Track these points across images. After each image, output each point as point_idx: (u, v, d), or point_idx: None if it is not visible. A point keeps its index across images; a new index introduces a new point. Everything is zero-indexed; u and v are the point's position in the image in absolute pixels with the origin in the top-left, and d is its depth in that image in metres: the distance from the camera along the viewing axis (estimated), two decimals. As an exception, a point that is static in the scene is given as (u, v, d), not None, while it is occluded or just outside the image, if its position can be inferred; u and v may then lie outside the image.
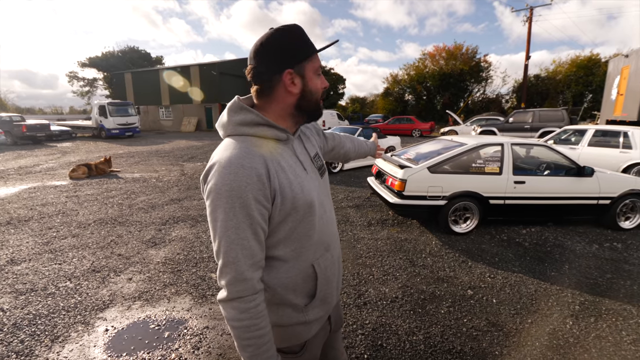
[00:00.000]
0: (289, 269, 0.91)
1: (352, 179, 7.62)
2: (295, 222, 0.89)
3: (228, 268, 0.81)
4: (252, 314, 0.82)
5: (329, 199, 1.08)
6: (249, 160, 0.82)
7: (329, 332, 1.13)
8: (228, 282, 0.81)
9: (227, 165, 0.80)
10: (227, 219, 0.80)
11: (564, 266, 3.35)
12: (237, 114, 0.91)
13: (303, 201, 0.89)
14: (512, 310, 2.61)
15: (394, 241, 4.00)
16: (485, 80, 30.78)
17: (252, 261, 0.83)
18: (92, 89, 38.98)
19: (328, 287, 1.00)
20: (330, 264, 1.01)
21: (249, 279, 0.82)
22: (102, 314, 2.60)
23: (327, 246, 1.00)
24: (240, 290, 0.81)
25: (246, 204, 0.80)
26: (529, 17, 20.61)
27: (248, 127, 0.89)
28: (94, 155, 11.84)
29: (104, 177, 7.87)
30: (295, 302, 0.94)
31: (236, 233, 0.80)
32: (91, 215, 5.00)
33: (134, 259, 3.54)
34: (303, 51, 0.88)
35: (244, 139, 0.88)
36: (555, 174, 4.29)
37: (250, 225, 0.81)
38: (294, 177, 0.89)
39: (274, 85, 0.89)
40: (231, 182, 0.79)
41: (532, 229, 4.36)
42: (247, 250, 0.82)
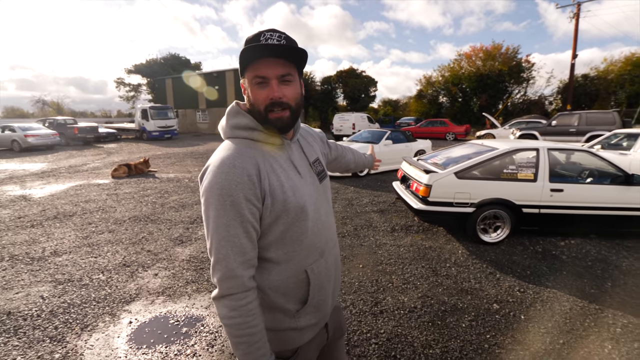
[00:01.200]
0: (280, 271, 0.92)
1: (378, 183, 7.50)
2: (287, 224, 0.90)
3: (219, 265, 0.83)
4: (243, 312, 0.83)
5: (328, 204, 1.07)
6: (240, 160, 0.84)
7: (327, 340, 1.11)
8: (219, 278, 0.83)
9: (219, 165, 0.83)
10: (218, 217, 0.82)
11: (606, 283, 3.06)
12: (233, 118, 0.94)
13: (294, 204, 0.90)
14: (542, 329, 2.42)
15: (418, 248, 3.87)
16: (527, 81, 29.03)
17: (243, 259, 0.84)
18: (137, 94, 41.56)
19: (321, 294, 0.99)
20: (325, 270, 1.00)
21: (239, 276, 0.83)
22: (127, 306, 2.74)
23: (321, 252, 0.99)
24: (230, 287, 0.82)
25: (236, 203, 0.81)
26: (576, 13, 19.24)
27: (243, 131, 0.92)
28: (135, 155, 12.60)
29: (142, 177, 8.34)
30: (287, 307, 0.94)
31: (227, 230, 0.82)
32: (127, 213, 5.30)
33: (162, 256, 3.70)
34: (243, 61, 0.86)
35: (239, 142, 0.91)
36: (599, 181, 3.94)
37: (241, 223, 0.82)
38: (286, 179, 0.91)
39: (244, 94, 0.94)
40: (222, 181, 0.81)
41: (572, 241, 4.03)
42: (238, 248, 0.83)
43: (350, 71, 33.73)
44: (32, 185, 7.55)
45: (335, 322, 1.15)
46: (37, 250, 3.87)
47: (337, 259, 1.07)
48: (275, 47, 0.85)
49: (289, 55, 0.87)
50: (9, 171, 9.60)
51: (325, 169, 1.12)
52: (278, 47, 0.85)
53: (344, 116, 20.47)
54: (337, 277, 1.08)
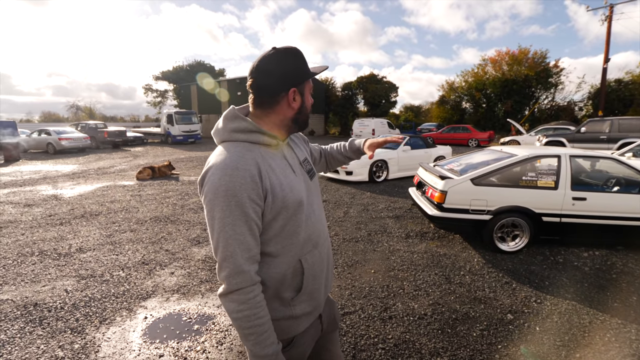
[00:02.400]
0: (278, 264, 0.97)
1: (395, 189, 7.43)
2: (285, 219, 0.95)
3: (226, 262, 0.87)
4: (251, 304, 0.88)
5: (319, 199, 1.14)
6: (242, 162, 0.89)
7: (321, 332, 1.16)
8: (227, 275, 0.87)
9: (223, 168, 0.88)
10: (224, 217, 0.87)
11: (631, 297, 2.91)
12: (232, 122, 0.99)
13: (293, 200, 0.95)
14: (557, 342, 2.33)
15: (432, 255, 3.80)
16: (555, 86, 27.98)
17: (249, 255, 0.89)
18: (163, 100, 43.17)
19: (315, 283, 1.04)
20: (319, 260, 1.06)
21: (247, 271, 0.88)
22: (144, 302, 2.86)
23: (315, 243, 1.05)
24: (238, 282, 0.87)
25: (241, 203, 0.86)
26: (609, 15, 18.44)
27: (241, 134, 0.97)
28: (159, 159, 13.08)
29: (165, 179, 8.65)
30: (283, 296, 0.99)
31: (233, 229, 0.87)
32: (149, 213, 5.52)
33: (179, 255, 3.83)
34: (305, 73, 1.00)
35: (237, 144, 0.96)
36: (626, 190, 3.76)
37: (246, 222, 0.88)
38: (283, 177, 0.96)
39: (278, 100, 0.98)
40: (227, 183, 0.86)
41: (596, 252, 3.85)
42: (244, 245, 0.88)
43: (370, 77, 33.67)
44: (63, 185, 7.99)
45: (329, 314, 1.21)
46: (64, 246, 4.10)
47: (329, 252, 1.13)
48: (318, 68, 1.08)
49: None
50: (43, 172, 10.20)
51: (314, 168, 1.17)
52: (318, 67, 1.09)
53: (363, 122, 20.45)
54: (330, 269, 1.15)
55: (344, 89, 34.87)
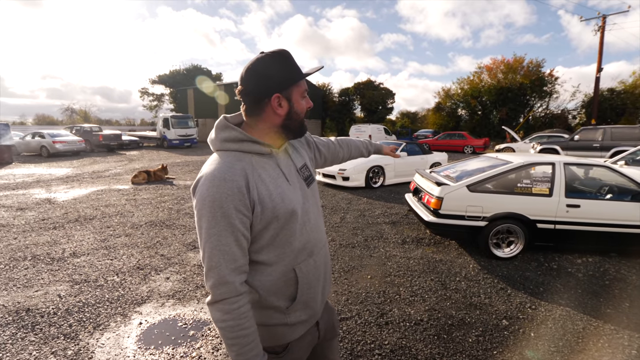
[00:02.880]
0: (271, 272, 0.97)
1: (392, 194, 7.47)
2: (277, 229, 0.95)
3: (211, 272, 0.88)
4: (235, 315, 0.87)
5: (317, 207, 1.12)
6: (230, 173, 0.89)
7: (318, 339, 1.15)
8: (212, 285, 0.88)
9: (211, 179, 0.89)
10: (210, 227, 0.87)
11: (623, 304, 2.94)
12: (222, 132, 0.99)
13: (284, 210, 0.95)
14: (552, 347, 2.34)
15: (428, 261, 3.82)
16: (550, 94, 28.40)
17: (235, 266, 0.89)
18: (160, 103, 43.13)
19: (310, 292, 1.04)
20: (313, 269, 1.05)
21: (231, 282, 0.88)
22: (139, 308, 2.83)
23: (310, 252, 1.04)
24: (222, 292, 0.87)
25: (227, 214, 0.87)
26: (601, 26, 18.82)
27: (232, 143, 0.97)
28: (155, 163, 13.02)
29: (160, 183, 8.61)
30: (277, 304, 0.99)
31: (218, 240, 0.87)
32: (144, 217, 5.48)
33: (174, 260, 3.80)
34: (291, 77, 0.96)
35: (228, 154, 0.96)
36: (618, 198, 3.81)
37: (232, 233, 0.88)
38: (274, 187, 0.96)
39: (263, 107, 0.97)
40: (214, 194, 0.87)
41: (590, 259, 3.89)
42: (229, 256, 0.88)
43: (367, 83, 33.95)
44: (57, 189, 7.92)
45: (327, 322, 1.19)
46: (57, 251, 4.05)
47: (326, 260, 1.12)
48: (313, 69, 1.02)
49: None
50: (36, 175, 10.11)
51: (313, 174, 1.17)
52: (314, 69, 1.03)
53: (360, 127, 20.55)
54: (327, 277, 1.13)
55: (341, 95, 35.09)
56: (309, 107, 1.03)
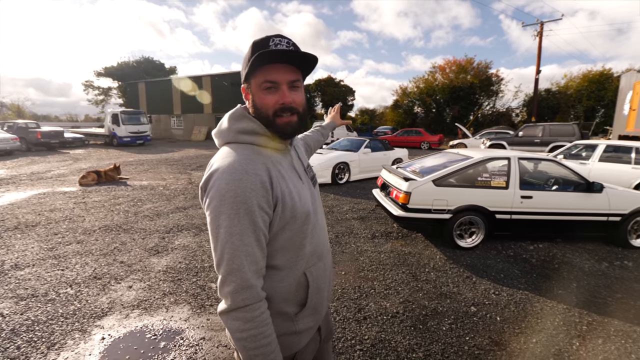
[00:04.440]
0: (283, 277, 0.92)
1: (358, 190, 7.59)
2: (293, 231, 0.90)
3: (232, 276, 0.80)
4: (258, 323, 0.81)
5: (321, 208, 1.09)
6: (252, 166, 0.83)
7: (319, 344, 1.12)
8: (233, 290, 0.80)
9: (230, 172, 0.81)
10: (231, 225, 0.79)
11: (571, 284, 3.25)
12: (239, 122, 0.92)
13: (301, 210, 0.90)
14: (516, 329, 2.52)
15: (398, 254, 3.93)
16: (496, 94, 30.63)
17: (256, 268, 0.83)
18: (107, 98, 40.04)
19: (319, 296, 1.00)
20: (322, 272, 1.01)
21: (254, 286, 0.81)
22: (100, 321, 2.60)
23: (319, 255, 1.00)
24: (245, 298, 0.80)
25: (251, 210, 0.80)
26: (540, 31, 20.59)
27: (248, 136, 0.91)
28: (104, 162, 12.06)
29: (113, 184, 7.99)
30: (286, 311, 0.93)
31: (241, 239, 0.80)
32: (97, 222, 5.05)
33: (136, 267, 3.55)
34: (250, 66, 0.86)
35: (244, 147, 0.89)
36: (563, 189, 4.20)
37: (254, 232, 0.81)
38: (292, 186, 0.91)
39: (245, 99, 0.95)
40: (236, 189, 0.79)
41: (540, 245, 4.25)
42: (252, 257, 0.81)
43: (328, 80, 34.20)
44: (-10, 193, 7.03)
45: (326, 325, 1.17)
46: (-4, 263, 3.60)
47: (330, 262, 1.09)
48: (287, 52, 0.85)
49: (299, 61, 0.89)
50: (-38, 178, 8.90)
51: (315, 175, 1.13)
52: (290, 52, 0.85)
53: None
54: (331, 279, 1.11)
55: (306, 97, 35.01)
56: (282, 102, 0.88)
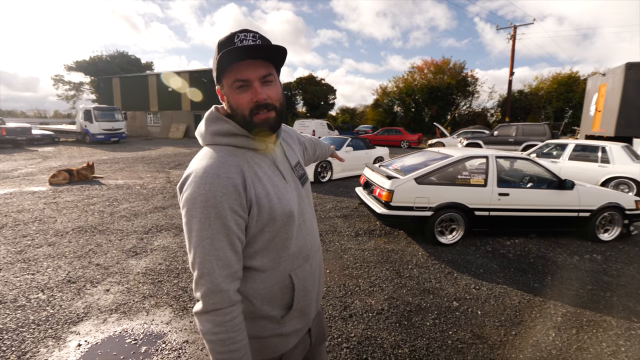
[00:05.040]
0: (265, 279, 0.90)
1: (340, 189, 7.62)
2: (273, 232, 0.88)
3: (203, 279, 0.79)
4: (228, 327, 0.80)
5: (311, 208, 1.07)
6: (225, 170, 0.81)
7: (310, 346, 1.10)
8: (204, 294, 0.80)
9: (202, 175, 0.80)
10: (202, 229, 0.78)
11: (546, 278, 3.39)
12: (213, 124, 0.90)
13: (281, 211, 0.88)
14: (496, 322, 2.61)
15: (381, 252, 3.98)
16: (472, 94, 31.57)
17: (228, 272, 0.81)
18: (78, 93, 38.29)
19: (306, 299, 0.98)
20: (310, 274, 0.99)
21: (225, 290, 0.80)
22: (75, 327, 2.48)
23: (306, 256, 0.98)
24: (216, 302, 0.79)
25: (222, 214, 0.79)
26: (513, 35, 21.36)
27: (224, 137, 0.89)
28: (76, 160, 11.54)
29: (86, 184, 7.65)
30: (272, 314, 0.92)
31: (211, 244, 0.79)
32: (70, 223, 4.82)
33: (113, 269, 3.41)
34: (219, 67, 0.84)
35: (221, 149, 0.87)
36: (537, 186, 4.38)
37: (226, 236, 0.80)
38: (271, 187, 0.88)
39: None
40: (207, 192, 0.78)
41: (516, 241, 4.41)
42: (223, 261, 0.80)
43: (309, 78, 34.11)
44: (-51, 193, 6.57)
45: (317, 327, 1.14)
46: (-42, 268, 3.37)
47: (320, 263, 1.07)
48: (254, 47, 0.82)
49: (268, 55, 0.85)
50: None
51: (306, 173, 1.11)
52: (256, 47, 0.82)
53: (304, 122, 20.58)
54: (321, 281, 1.08)
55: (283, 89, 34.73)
56: (256, 100, 0.84)
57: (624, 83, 8.91)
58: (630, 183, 6.42)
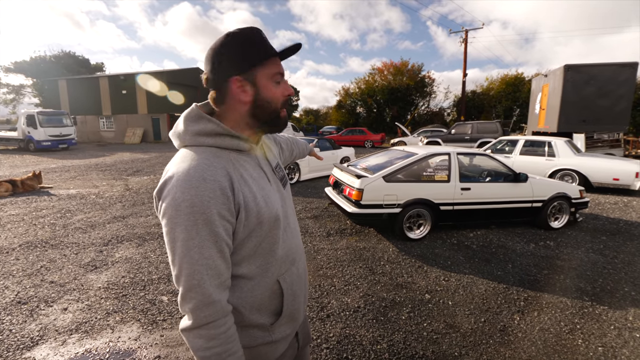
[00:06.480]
0: (253, 287, 0.86)
1: (309, 189, 7.63)
2: (260, 237, 0.85)
3: (193, 292, 0.74)
4: (223, 340, 0.76)
5: (293, 210, 1.05)
6: (210, 172, 0.76)
7: (297, 350, 1.08)
8: (194, 307, 0.74)
9: (186, 179, 0.74)
10: (189, 238, 0.73)
11: (507, 265, 3.62)
12: (195, 123, 0.85)
13: (268, 215, 0.85)
14: (466, 311, 2.74)
15: (353, 250, 4.03)
16: (429, 95, 33.06)
17: (219, 281, 0.77)
18: (19, 97, 35.01)
19: (295, 303, 0.96)
20: (297, 278, 0.97)
21: (217, 301, 0.76)
22: (29, 353, 2.26)
23: (292, 260, 0.96)
24: (208, 315, 0.75)
25: (210, 220, 0.74)
26: (465, 38, 22.64)
27: (208, 137, 0.83)
28: (19, 170, 10.53)
29: (33, 195, 7.00)
30: (261, 322, 0.89)
31: (200, 253, 0.74)
32: (16, 239, 4.39)
33: (70, 286, 3.15)
34: (254, 56, 0.83)
35: (203, 150, 0.82)
36: (495, 180, 4.67)
37: (215, 243, 0.75)
38: (258, 190, 0.85)
39: (225, 93, 0.85)
40: (192, 197, 0.73)
41: (478, 232, 4.67)
42: (213, 270, 0.75)
43: (272, 80, 33.75)
44: None
45: (304, 329, 1.13)
46: None
47: (305, 265, 1.06)
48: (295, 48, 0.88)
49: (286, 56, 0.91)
50: None
51: (286, 174, 1.09)
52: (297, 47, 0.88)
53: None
54: (307, 284, 1.07)
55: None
56: (288, 94, 0.89)
57: (563, 83, 9.77)
58: (573, 174, 7.06)
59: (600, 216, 5.52)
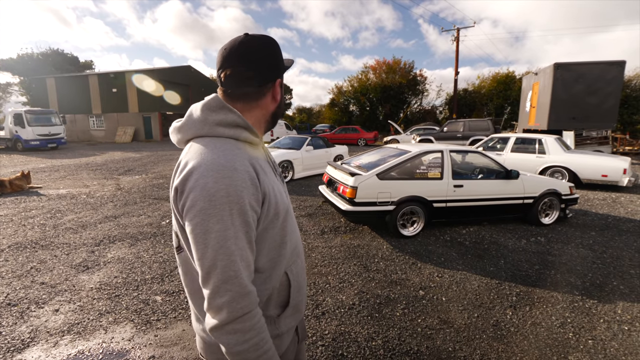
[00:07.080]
0: (265, 279, 0.86)
1: (302, 188, 7.62)
2: (275, 229, 0.86)
3: (229, 284, 0.72)
4: (258, 329, 0.76)
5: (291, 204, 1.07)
6: (239, 162, 0.76)
7: (297, 344, 1.09)
8: (230, 300, 0.72)
9: (217, 169, 0.73)
10: (225, 229, 0.72)
11: (500, 261, 3.67)
12: (216, 113, 0.83)
13: (283, 206, 0.87)
14: (460, 307, 2.77)
15: (348, 248, 4.05)
16: (422, 93, 33.22)
17: (249, 272, 0.77)
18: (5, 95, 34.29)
19: (300, 294, 0.97)
20: (301, 269, 0.99)
21: (252, 291, 0.76)
22: (20, 355, 2.22)
23: (298, 252, 0.98)
24: (244, 306, 0.73)
25: (244, 210, 0.74)
26: (457, 36, 22.79)
27: (227, 129, 0.83)
28: (7, 170, 10.32)
29: (22, 195, 6.88)
30: (268, 314, 0.89)
31: (235, 243, 0.73)
32: (5, 240, 4.31)
33: (61, 287, 3.11)
34: (285, 65, 0.93)
35: (225, 141, 0.81)
36: (487, 177, 4.72)
37: (246, 234, 0.75)
38: (272, 182, 0.87)
39: (265, 92, 0.89)
40: (227, 187, 0.72)
41: (471, 229, 4.73)
42: (245, 261, 0.76)
43: (264, 78, 33.57)
44: None
45: (301, 324, 1.14)
46: None
47: (304, 258, 1.09)
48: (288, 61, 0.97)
49: None
50: None
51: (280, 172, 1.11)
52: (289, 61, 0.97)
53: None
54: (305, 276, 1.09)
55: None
56: None
57: (553, 81, 9.91)
58: (563, 171, 7.17)
59: (589, 212, 5.62)
